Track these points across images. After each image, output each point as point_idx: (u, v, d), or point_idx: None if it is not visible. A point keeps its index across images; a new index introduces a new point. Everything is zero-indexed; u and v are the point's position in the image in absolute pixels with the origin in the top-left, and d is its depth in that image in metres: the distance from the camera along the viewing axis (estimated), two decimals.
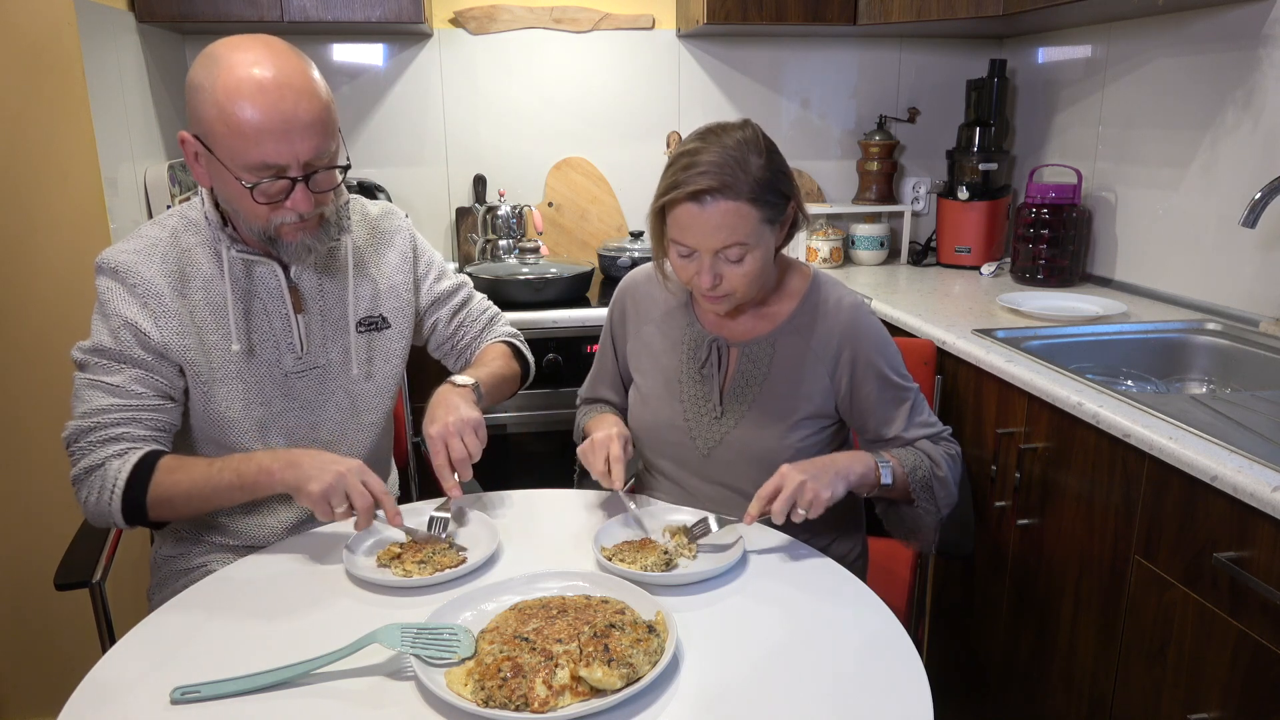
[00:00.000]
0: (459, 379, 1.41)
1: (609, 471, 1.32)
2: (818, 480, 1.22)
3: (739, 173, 1.23)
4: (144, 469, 1.23)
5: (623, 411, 1.55)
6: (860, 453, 1.35)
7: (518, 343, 1.64)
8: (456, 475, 1.30)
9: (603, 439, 1.35)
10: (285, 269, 1.36)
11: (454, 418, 1.30)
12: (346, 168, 1.29)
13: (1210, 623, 1.27)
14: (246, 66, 1.17)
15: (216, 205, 1.33)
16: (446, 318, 1.59)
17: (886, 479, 1.31)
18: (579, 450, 1.38)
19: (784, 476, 1.22)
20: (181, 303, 1.30)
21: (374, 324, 1.46)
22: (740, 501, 1.39)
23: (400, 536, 1.26)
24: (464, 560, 1.20)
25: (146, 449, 1.25)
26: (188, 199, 2.19)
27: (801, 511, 1.21)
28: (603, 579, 1.13)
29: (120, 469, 1.23)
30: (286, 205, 1.24)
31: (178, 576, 1.39)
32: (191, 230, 1.34)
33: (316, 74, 1.24)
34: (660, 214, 1.31)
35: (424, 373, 1.76)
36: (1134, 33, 2.23)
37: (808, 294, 1.41)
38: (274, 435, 1.38)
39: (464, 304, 1.62)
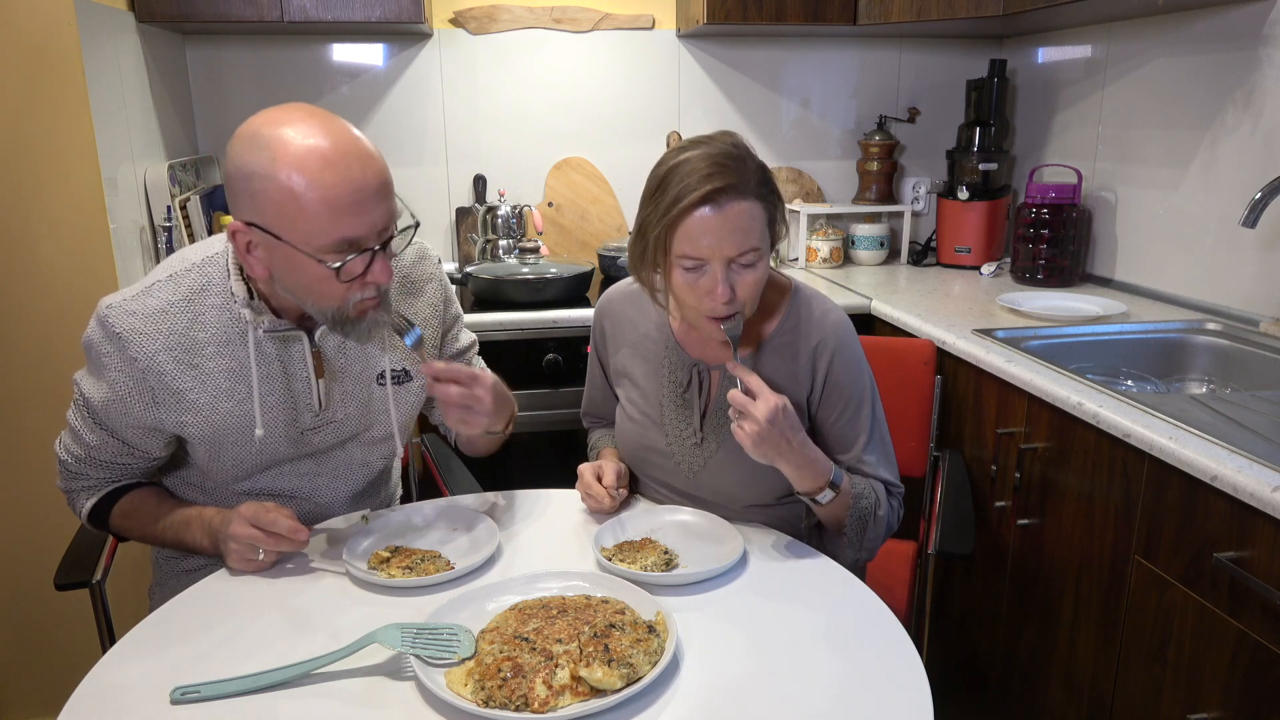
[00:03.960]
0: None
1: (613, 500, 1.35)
2: (777, 443, 1.18)
3: (743, 168, 1.17)
4: (103, 507, 1.35)
5: None
6: (826, 463, 1.27)
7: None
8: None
9: (581, 488, 1.37)
10: (310, 335, 1.29)
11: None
12: (417, 225, 1.22)
13: (1210, 623, 1.27)
14: (301, 140, 1.08)
15: (243, 277, 1.23)
16: None
17: (837, 482, 1.26)
18: (582, 499, 1.39)
19: (767, 411, 1.17)
20: (188, 375, 1.23)
21: (396, 378, 1.40)
22: (734, 509, 1.37)
23: (394, 539, 1.28)
24: (451, 567, 1.20)
25: (105, 491, 1.35)
26: (188, 199, 2.19)
27: (736, 423, 1.19)
28: (603, 579, 1.13)
29: (84, 505, 1.36)
30: (369, 280, 1.15)
31: (178, 576, 1.40)
32: (211, 292, 1.23)
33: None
34: (660, 237, 1.19)
35: None
36: (1134, 33, 2.23)
37: (789, 310, 1.36)
38: (275, 476, 1.36)
39: (470, 363, 1.56)
